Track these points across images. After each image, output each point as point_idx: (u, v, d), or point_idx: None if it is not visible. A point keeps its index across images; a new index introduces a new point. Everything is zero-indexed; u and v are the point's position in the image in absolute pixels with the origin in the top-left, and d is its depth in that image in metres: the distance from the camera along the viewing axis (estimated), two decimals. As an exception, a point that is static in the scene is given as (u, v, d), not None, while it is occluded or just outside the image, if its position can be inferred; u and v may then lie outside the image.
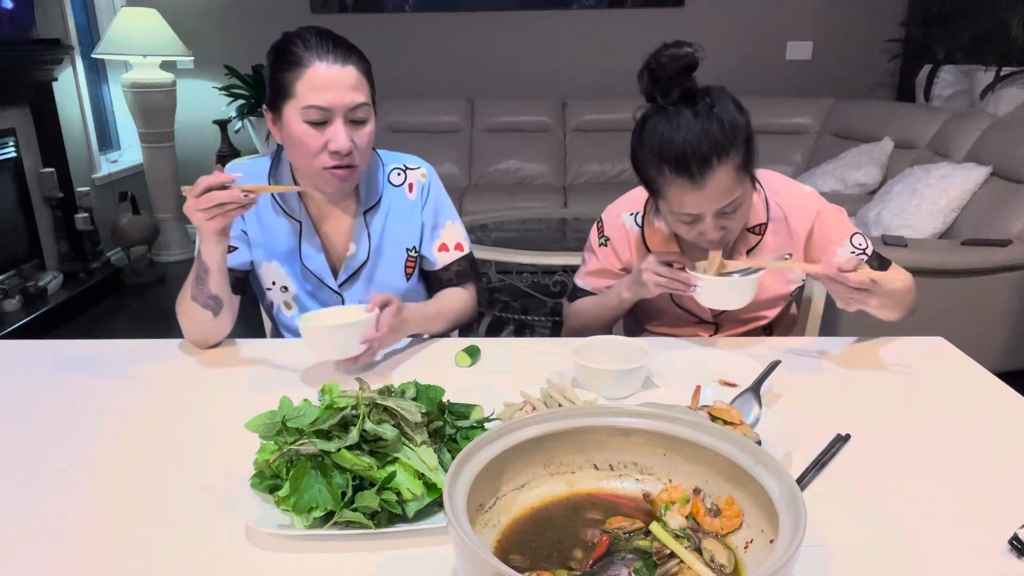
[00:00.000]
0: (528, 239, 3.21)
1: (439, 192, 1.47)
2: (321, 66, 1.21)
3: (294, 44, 1.23)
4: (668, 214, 1.28)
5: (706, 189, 1.18)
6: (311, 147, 1.24)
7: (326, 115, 1.22)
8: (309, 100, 1.21)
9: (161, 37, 4.13)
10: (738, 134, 1.18)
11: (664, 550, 0.71)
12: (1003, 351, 2.63)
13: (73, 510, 0.88)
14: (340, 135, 1.23)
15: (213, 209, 1.15)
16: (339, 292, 1.41)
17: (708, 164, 1.16)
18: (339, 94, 1.22)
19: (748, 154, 1.21)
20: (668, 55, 1.17)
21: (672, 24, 4.46)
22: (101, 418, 1.09)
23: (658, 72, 1.18)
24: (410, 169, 1.44)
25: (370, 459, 0.83)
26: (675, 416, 0.81)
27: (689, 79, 1.18)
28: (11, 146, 3.52)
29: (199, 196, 1.15)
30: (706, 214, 1.22)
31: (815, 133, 4.25)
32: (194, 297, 1.28)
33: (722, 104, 1.19)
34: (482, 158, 4.41)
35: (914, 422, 1.07)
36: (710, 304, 1.32)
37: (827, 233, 1.36)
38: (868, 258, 1.36)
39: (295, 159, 1.29)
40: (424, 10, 4.52)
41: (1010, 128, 2.99)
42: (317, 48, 1.22)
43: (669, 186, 1.21)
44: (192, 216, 1.18)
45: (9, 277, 3.46)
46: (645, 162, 1.23)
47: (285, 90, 1.23)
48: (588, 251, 1.50)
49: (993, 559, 0.78)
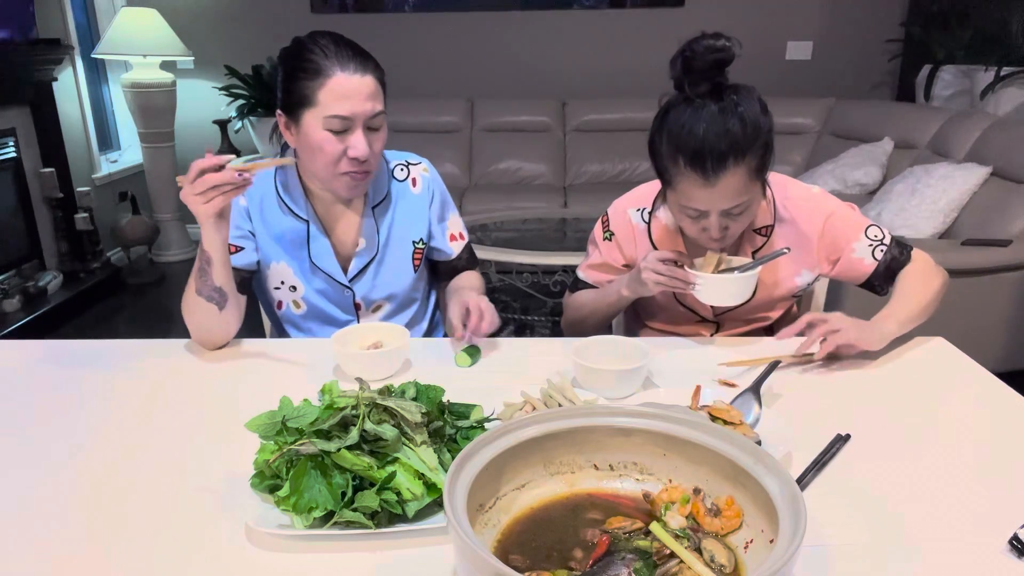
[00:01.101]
0: (528, 239, 3.21)
1: (441, 186, 1.52)
2: (343, 76, 1.23)
3: (313, 52, 1.24)
4: (675, 205, 1.28)
5: (717, 187, 1.18)
6: (331, 154, 1.26)
7: (347, 124, 1.24)
8: (332, 110, 1.23)
9: (161, 37, 4.13)
10: (759, 137, 1.18)
11: (664, 550, 0.71)
12: (1003, 351, 2.63)
13: (73, 510, 0.88)
14: (361, 143, 1.26)
15: (209, 192, 1.15)
16: (349, 287, 1.43)
17: (723, 163, 1.16)
18: (360, 103, 1.24)
19: (764, 159, 1.21)
20: (704, 46, 1.16)
21: (672, 24, 4.46)
22: (101, 418, 1.09)
23: (692, 62, 1.17)
24: (412, 164, 1.48)
25: (370, 459, 0.83)
26: (675, 416, 0.81)
27: (721, 74, 1.18)
28: (11, 146, 3.52)
29: (193, 181, 1.15)
30: (712, 212, 1.22)
31: (815, 133, 4.25)
32: (198, 290, 1.27)
33: (748, 104, 1.18)
34: (482, 158, 4.40)
35: (914, 422, 1.07)
36: (710, 301, 1.32)
37: (842, 233, 1.36)
38: (888, 248, 1.36)
39: (311, 164, 1.30)
40: (424, 10, 4.52)
41: (1010, 128, 2.99)
42: (338, 57, 1.23)
43: (681, 178, 1.21)
44: (188, 201, 1.17)
45: (9, 277, 3.46)
46: (662, 149, 1.23)
47: (306, 98, 1.24)
48: (591, 244, 1.51)
49: (993, 559, 0.78)
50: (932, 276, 1.35)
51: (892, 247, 1.36)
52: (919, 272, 1.35)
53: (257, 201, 1.39)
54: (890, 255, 1.36)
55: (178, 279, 4.30)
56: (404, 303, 1.50)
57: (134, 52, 4.07)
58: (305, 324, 1.47)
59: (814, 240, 1.37)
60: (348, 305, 1.45)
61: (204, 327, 1.31)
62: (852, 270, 1.37)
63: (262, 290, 1.47)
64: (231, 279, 1.29)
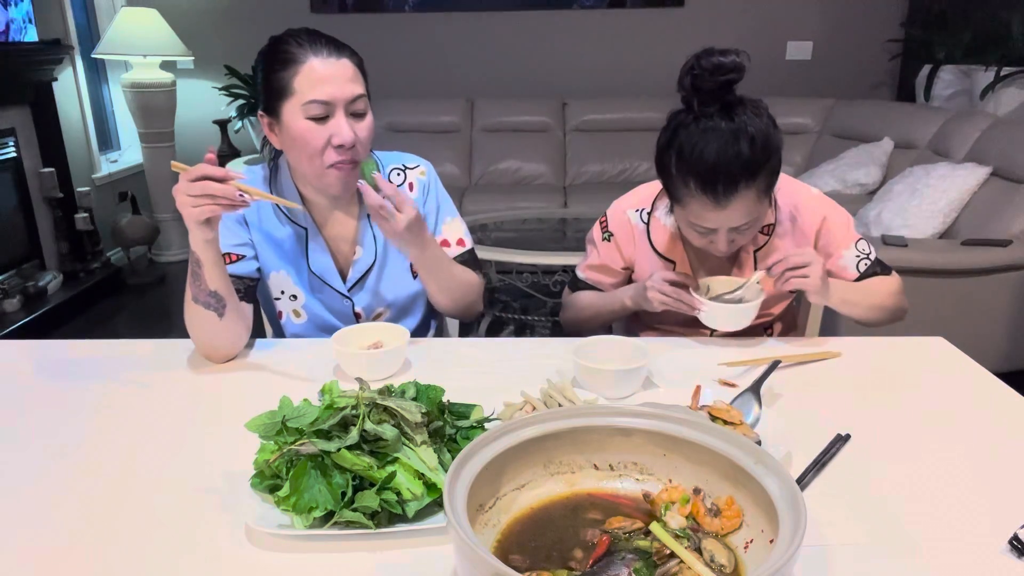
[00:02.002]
0: (528, 239, 3.20)
1: (439, 189, 1.46)
2: (317, 61, 1.21)
3: (286, 43, 1.22)
4: (683, 220, 1.29)
5: (728, 210, 1.20)
6: (314, 144, 1.22)
7: (327, 109, 1.21)
8: (309, 95, 1.20)
9: (161, 37, 4.13)
10: (770, 157, 1.18)
11: (664, 550, 0.71)
12: (1003, 351, 2.63)
13: (73, 510, 0.88)
14: (343, 127, 1.22)
15: (202, 199, 1.10)
16: (348, 296, 1.41)
17: (734, 187, 1.17)
18: (339, 86, 1.21)
19: (773, 177, 1.22)
20: (713, 64, 1.15)
21: (672, 24, 4.46)
22: (100, 418, 1.09)
23: (700, 81, 1.17)
24: (409, 168, 1.44)
25: (370, 459, 0.83)
26: (675, 416, 0.81)
27: (730, 92, 1.18)
28: (11, 146, 3.52)
29: (193, 180, 1.10)
30: (720, 230, 1.24)
31: (815, 133, 4.25)
32: (194, 297, 1.23)
33: (758, 123, 1.18)
34: (482, 158, 4.40)
35: (914, 422, 1.07)
36: (714, 326, 1.33)
37: (835, 237, 1.39)
38: (871, 264, 1.40)
39: (297, 161, 1.27)
40: (424, 10, 4.52)
41: (1010, 128, 2.99)
42: (311, 44, 1.21)
43: (691, 199, 1.22)
44: (177, 197, 1.11)
45: (9, 277, 3.46)
46: (671, 168, 1.23)
47: (283, 90, 1.22)
48: (590, 244, 1.51)
49: (993, 559, 0.78)
50: (895, 294, 1.39)
51: (875, 264, 1.40)
52: (889, 282, 1.40)
53: (254, 210, 1.36)
54: (871, 271, 1.39)
55: (178, 279, 4.30)
56: (405, 310, 1.46)
57: (134, 52, 4.07)
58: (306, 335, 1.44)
59: (812, 237, 1.39)
60: (348, 314, 1.42)
61: (207, 336, 1.25)
62: (836, 276, 1.40)
63: (266, 300, 1.45)
64: (227, 283, 1.24)
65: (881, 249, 2.46)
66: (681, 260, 1.42)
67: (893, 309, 1.39)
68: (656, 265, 1.43)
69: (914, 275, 2.47)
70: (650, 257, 1.44)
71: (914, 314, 1.43)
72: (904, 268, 2.43)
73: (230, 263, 1.32)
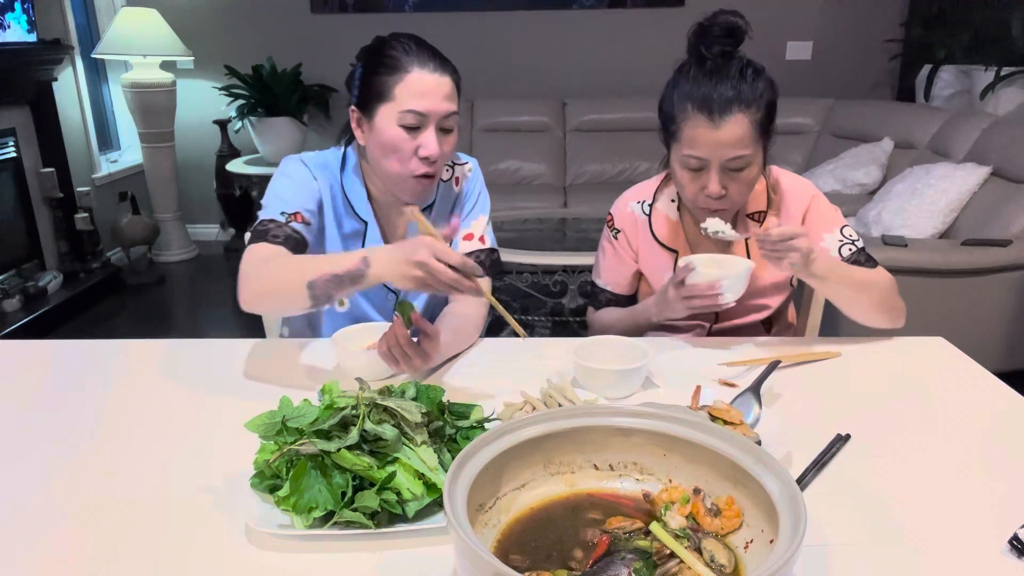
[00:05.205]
0: (528, 239, 3.21)
1: (479, 186, 1.50)
2: (422, 73, 1.24)
3: (394, 49, 1.25)
4: (677, 161, 1.30)
5: (721, 132, 1.22)
6: (403, 151, 1.25)
7: (421, 120, 1.24)
8: (408, 105, 1.23)
9: (161, 37, 4.13)
10: (764, 95, 1.25)
11: (664, 550, 0.71)
12: (1003, 351, 2.63)
13: (73, 510, 0.88)
14: (432, 141, 1.25)
15: (441, 283, 1.03)
16: (395, 291, 1.43)
17: (729, 109, 1.22)
18: (436, 101, 1.25)
19: (768, 117, 1.27)
20: (722, 18, 1.26)
21: (672, 24, 4.45)
22: (101, 418, 1.09)
23: (707, 28, 1.26)
24: (458, 165, 1.48)
25: (370, 459, 0.83)
26: (675, 416, 0.81)
27: (733, 42, 1.26)
28: (11, 146, 3.52)
29: (447, 264, 1.02)
30: (713, 162, 1.25)
31: (815, 133, 4.25)
32: (313, 283, 1.12)
33: (756, 72, 1.26)
34: (482, 158, 4.33)
35: (914, 422, 1.07)
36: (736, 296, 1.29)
37: (818, 220, 1.39)
38: (856, 251, 1.37)
39: (381, 162, 1.29)
40: (424, 10, 4.52)
41: (1010, 128, 2.99)
42: (418, 55, 1.24)
43: (687, 123, 1.25)
44: (403, 268, 1.04)
45: (9, 277, 3.46)
46: (671, 100, 1.28)
47: (382, 93, 1.24)
48: (601, 249, 1.54)
49: (993, 559, 0.78)
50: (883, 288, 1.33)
51: (860, 253, 1.37)
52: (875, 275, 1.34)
53: (328, 194, 1.37)
54: (855, 259, 1.36)
55: (178, 279, 4.30)
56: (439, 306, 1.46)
57: (134, 52, 4.07)
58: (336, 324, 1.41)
59: (799, 220, 1.40)
60: (388, 309, 1.44)
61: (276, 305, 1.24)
62: None
63: None
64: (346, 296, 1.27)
65: (881, 249, 2.47)
66: (683, 250, 1.44)
67: (881, 304, 1.33)
68: (658, 254, 1.45)
69: (914, 275, 2.47)
70: (652, 247, 1.46)
71: (914, 314, 1.42)
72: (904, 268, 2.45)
73: (296, 222, 1.30)
